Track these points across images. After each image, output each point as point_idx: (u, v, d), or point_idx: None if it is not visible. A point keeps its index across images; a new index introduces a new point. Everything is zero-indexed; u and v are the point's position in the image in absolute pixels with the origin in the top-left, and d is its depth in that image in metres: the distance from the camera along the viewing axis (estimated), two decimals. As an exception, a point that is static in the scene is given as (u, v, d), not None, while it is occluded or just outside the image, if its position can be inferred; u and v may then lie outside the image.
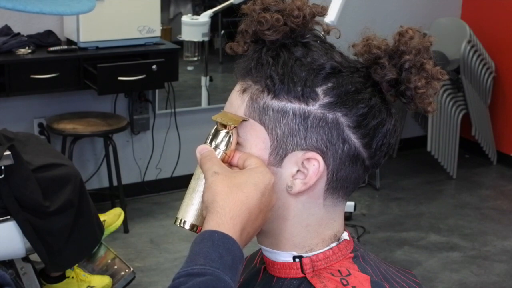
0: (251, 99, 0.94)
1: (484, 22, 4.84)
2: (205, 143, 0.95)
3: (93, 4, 0.98)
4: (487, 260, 3.63)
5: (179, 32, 4.13)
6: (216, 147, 0.94)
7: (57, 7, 0.91)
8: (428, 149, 4.55)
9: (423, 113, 0.98)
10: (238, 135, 0.95)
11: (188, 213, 0.94)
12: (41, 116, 3.78)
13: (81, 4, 0.95)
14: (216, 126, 0.95)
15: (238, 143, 0.95)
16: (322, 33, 0.98)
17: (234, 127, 0.94)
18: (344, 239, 0.99)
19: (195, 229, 0.94)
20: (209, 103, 4.32)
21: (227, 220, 0.87)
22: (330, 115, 0.92)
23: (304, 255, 0.96)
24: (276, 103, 0.93)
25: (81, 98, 3.86)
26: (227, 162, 0.94)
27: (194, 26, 4.02)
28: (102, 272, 3.12)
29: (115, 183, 3.83)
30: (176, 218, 0.94)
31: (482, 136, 4.80)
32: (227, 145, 0.94)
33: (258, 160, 0.92)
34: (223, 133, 0.94)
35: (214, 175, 0.90)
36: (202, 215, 0.93)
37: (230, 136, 0.94)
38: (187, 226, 0.94)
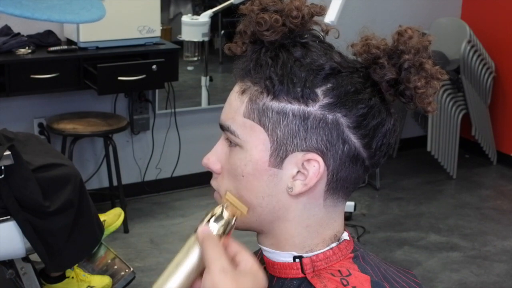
0: (251, 100, 0.94)
1: (484, 22, 4.84)
2: (203, 220, 0.92)
3: (103, 13, 0.95)
4: (487, 260, 3.63)
5: (179, 32, 4.13)
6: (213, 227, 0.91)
7: (65, 15, 0.89)
8: (428, 149, 4.54)
9: (423, 113, 0.97)
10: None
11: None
12: (41, 116, 3.78)
13: (90, 13, 0.93)
14: (222, 207, 0.92)
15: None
16: (321, 33, 0.98)
17: (235, 218, 0.92)
18: (344, 239, 0.99)
19: None
20: (209, 103, 4.33)
21: None
22: (330, 116, 0.92)
23: (304, 255, 0.96)
24: (275, 104, 0.92)
25: (81, 98, 3.86)
26: None
27: (194, 26, 4.02)
28: (102, 272, 3.12)
29: (115, 183, 3.83)
30: None
31: (482, 136, 4.80)
32: (224, 231, 0.91)
33: (252, 259, 0.90)
34: (226, 218, 0.92)
35: (223, 273, 0.86)
36: None
37: (231, 224, 0.92)
38: None
